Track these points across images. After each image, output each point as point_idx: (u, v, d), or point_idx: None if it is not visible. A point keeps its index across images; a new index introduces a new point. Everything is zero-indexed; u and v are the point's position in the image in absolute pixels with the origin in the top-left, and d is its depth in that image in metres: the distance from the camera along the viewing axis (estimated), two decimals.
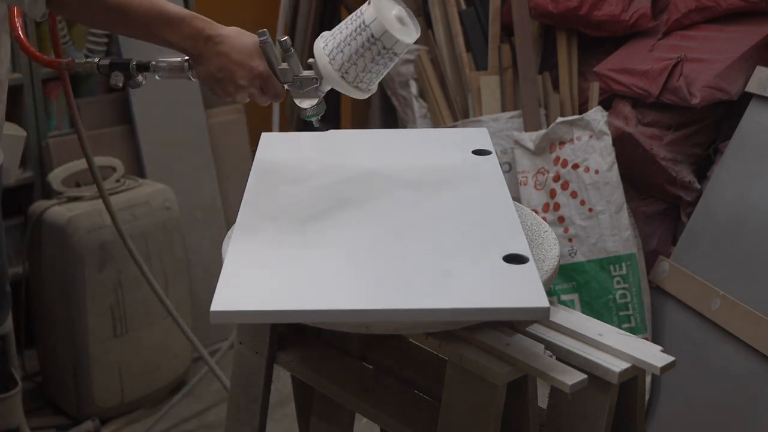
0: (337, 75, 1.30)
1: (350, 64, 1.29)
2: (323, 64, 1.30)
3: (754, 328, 2.14)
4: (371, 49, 1.27)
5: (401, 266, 1.15)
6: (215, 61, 1.31)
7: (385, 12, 1.26)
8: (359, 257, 1.18)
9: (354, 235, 1.24)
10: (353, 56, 1.28)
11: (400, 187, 1.40)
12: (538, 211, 2.59)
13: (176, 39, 1.31)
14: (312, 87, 1.35)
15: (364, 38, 1.26)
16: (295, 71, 1.34)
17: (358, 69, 1.29)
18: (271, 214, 1.32)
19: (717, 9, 2.45)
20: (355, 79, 1.30)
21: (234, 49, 1.31)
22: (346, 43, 1.28)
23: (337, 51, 1.29)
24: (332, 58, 1.30)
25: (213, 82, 1.33)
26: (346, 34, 1.28)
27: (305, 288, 1.10)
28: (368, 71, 1.30)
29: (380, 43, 1.26)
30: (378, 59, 1.28)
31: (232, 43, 1.31)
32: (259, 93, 1.35)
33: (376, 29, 1.25)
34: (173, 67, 1.38)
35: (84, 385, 2.48)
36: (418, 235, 1.24)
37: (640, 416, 1.20)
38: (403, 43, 1.27)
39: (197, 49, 1.32)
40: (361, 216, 1.30)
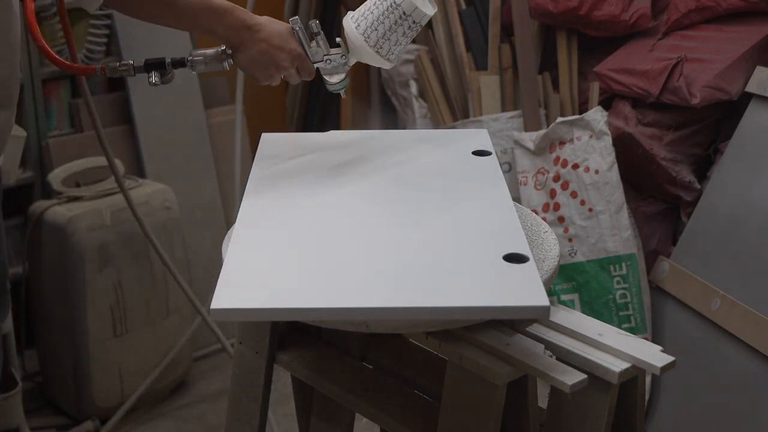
0: (372, 50, 1.45)
1: (384, 39, 1.45)
2: (359, 42, 1.45)
3: (754, 328, 2.14)
4: (402, 24, 1.44)
5: (401, 265, 1.15)
6: (257, 47, 1.44)
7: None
8: (359, 256, 1.18)
9: (354, 234, 1.24)
10: (387, 33, 1.45)
11: (399, 187, 1.40)
12: (538, 211, 2.59)
13: (221, 29, 1.42)
14: (340, 63, 1.50)
15: (396, 16, 1.44)
16: (324, 50, 1.48)
17: (391, 43, 1.46)
18: (271, 213, 1.32)
19: (717, 9, 2.45)
20: (388, 52, 1.47)
21: (272, 35, 1.44)
22: (380, 22, 1.44)
23: (371, 30, 1.45)
24: (367, 36, 1.45)
25: (255, 67, 1.46)
26: (377, 14, 1.45)
27: (305, 286, 1.10)
28: (398, 44, 1.47)
29: (411, 18, 1.44)
30: (408, 32, 1.46)
31: (268, 29, 1.44)
32: (295, 72, 1.48)
33: (407, 7, 1.43)
34: (210, 59, 1.47)
35: (84, 385, 2.48)
36: (418, 234, 1.24)
37: (640, 416, 1.20)
38: (428, 16, 1.45)
39: (240, 38, 1.43)
40: (361, 216, 1.30)
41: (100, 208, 2.45)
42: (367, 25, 1.45)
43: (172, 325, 2.63)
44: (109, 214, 2.45)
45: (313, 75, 1.51)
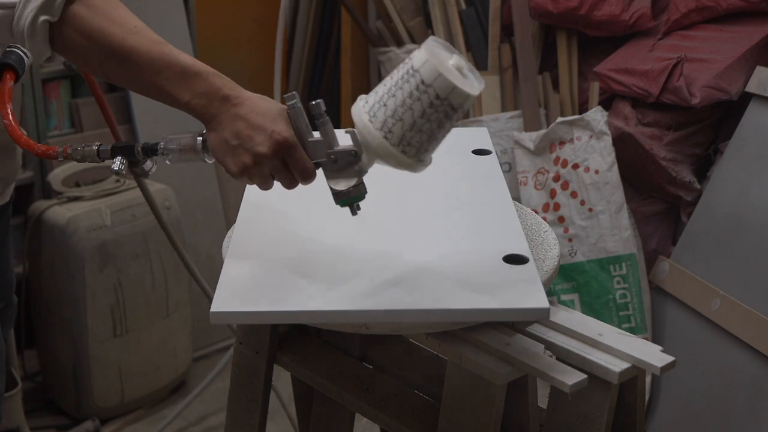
0: (379, 135, 1.04)
1: (395, 119, 1.03)
2: (362, 124, 1.06)
3: (754, 328, 2.14)
4: (421, 98, 1.02)
5: (401, 266, 1.15)
6: (230, 126, 1.11)
7: (440, 56, 1.02)
8: (359, 257, 1.18)
9: (354, 235, 1.24)
10: (398, 109, 1.03)
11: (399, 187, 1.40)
12: (538, 211, 2.59)
13: (187, 96, 1.11)
14: (350, 162, 1.11)
15: (412, 86, 1.02)
16: (330, 143, 1.11)
17: (405, 126, 1.03)
18: (270, 214, 1.32)
19: (717, 9, 2.45)
20: (402, 141, 1.04)
21: (254, 112, 1.10)
22: (390, 95, 1.04)
23: (379, 106, 1.05)
24: (372, 115, 1.05)
25: (226, 152, 1.12)
26: (390, 85, 1.05)
27: (305, 288, 1.10)
28: (417, 129, 1.03)
29: (432, 90, 1.01)
30: (430, 113, 1.02)
31: (252, 105, 1.11)
32: (283, 168, 1.12)
33: (427, 73, 1.01)
34: (185, 147, 1.17)
35: (84, 385, 2.48)
36: (418, 235, 1.24)
37: (640, 416, 1.20)
38: (462, 92, 1.01)
39: (211, 110, 1.12)
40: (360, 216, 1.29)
41: (100, 208, 2.45)
42: (376, 100, 1.05)
43: (172, 325, 2.63)
44: (109, 214, 2.45)
45: (312, 177, 1.13)
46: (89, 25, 1.10)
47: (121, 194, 2.52)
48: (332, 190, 1.14)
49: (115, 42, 1.10)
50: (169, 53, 1.11)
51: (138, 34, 1.11)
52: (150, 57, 1.10)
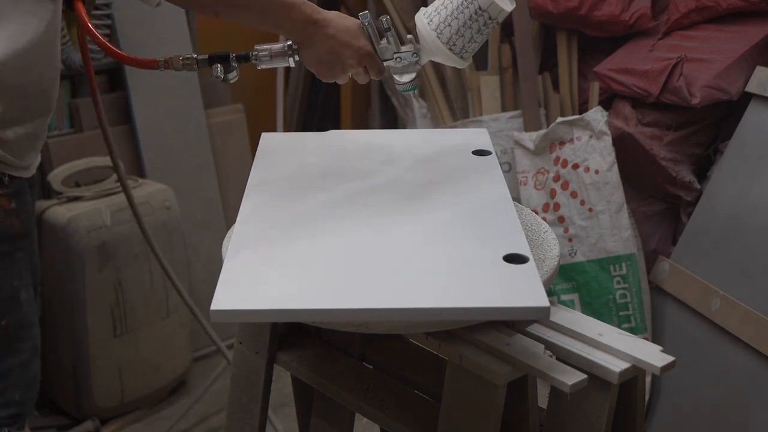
0: (444, 48, 1.37)
1: (458, 36, 1.36)
2: (431, 38, 1.37)
3: (754, 328, 2.14)
4: (478, 20, 1.35)
5: (401, 266, 1.15)
6: (324, 44, 1.36)
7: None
8: (359, 256, 1.18)
9: (354, 234, 1.24)
10: (461, 29, 1.35)
11: (400, 187, 1.40)
12: (538, 211, 2.59)
13: (288, 24, 1.35)
14: (411, 61, 1.41)
15: (471, 11, 1.34)
16: (395, 48, 1.40)
17: (465, 40, 1.36)
18: (270, 214, 1.32)
19: (717, 9, 2.45)
20: (462, 50, 1.38)
21: (340, 31, 1.36)
22: (454, 17, 1.35)
23: (444, 25, 1.36)
24: (440, 32, 1.36)
25: (320, 65, 1.39)
26: (452, 9, 1.36)
27: (305, 287, 1.10)
28: (473, 41, 1.37)
29: (486, 14, 1.34)
30: (483, 29, 1.37)
31: (336, 25, 1.36)
32: (363, 71, 1.41)
33: (484, 1, 1.34)
34: (275, 54, 1.41)
35: (84, 385, 2.48)
36: (418, 234, 1.24)
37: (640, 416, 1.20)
38: (505, 12, 1.35)
39: (306, 34, 1.36)
40: (361, 216, 1.30)
41: (100, 208, 2.45)
42: (440, 21, 1.36)
43: (172, 325, 2.63)
44: (109, 214, 2.45)
45: (383, 73, 1.43)
46: None
47: (121, 194, 2.52)
48: (397, 82, 1.45)
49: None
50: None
51: None
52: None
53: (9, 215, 1.38)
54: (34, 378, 1.48)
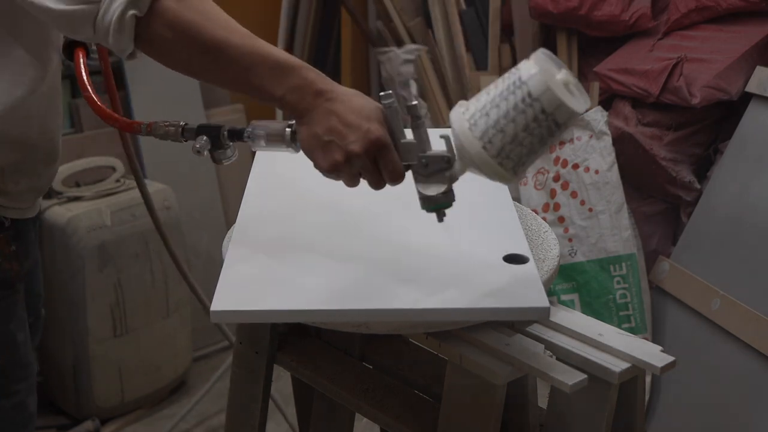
0: (478, 144, 1.01)
1: (496, 130, 1.01)
2: (461, 130, 1.03)
3: (754, 328, 2.14)
4: (526, 111, 0.99)
5: (401, 266, 1.15)
6: (323, 121, 1.08)
7: (549, 69, 1.00)
8: (359, 257, 1.18)
9: (354, 234, 1.24)
10: (501, 120, 1.00)
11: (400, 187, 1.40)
12: (538, 211, 2.59)
13: (280, 91, 1.08)
14: (441, 169, 1.09)
15: (518, 98, 0.99)
16: (422, 147, 1.09)
17: (506, 138, 1.00)
18: (270, 214, 1.32)
19: (717, 9, 2.45)
20: (500, 152, 1.01)
21: (348, 109, 1.07)
22: (494, 105, 1.01)
23: (480, 114, 1.02)
24: (473, 123, 1.02)
25: (317, 147, 1.09)
26: (494, 95, 1.02)
27: (305, 288, 1.10)
28: (519, 143, 1.01)
29: (539, 104, 0.98)
30: (533, 128, 1.00)
31: (346, 101, 1.08)
32: (373, 168, 1.09)
33: (535, 86, 0.98)
34: (272, 135, 1.16)
35: (84, 385, 2.48)
36: (418, 235, 1.24)
37: (640, 416, 1.20)
38: (569, 110, 0.98)
39: (303, 105, 1.09)
40: (360, 216, 1.30)
41: (100, 208, 2.45)
42: (477, 108, 1.02)
43: (172, 325, 2.63)
44: (109, 214, 2.45)
45: (402, 178, 1.10)
46: (179, 18, 1.08)
47: (121, 194, 2.52)
48: (420, 195, 1.11)
49: (206, 36, 1.08)
50: (261, 47, 1.09)
51: (228, 28, 1.09)
52: (242, 51, 1.08)
53: (9, 259, 1.33)
54: (30, 417, 1.43)
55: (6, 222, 1.32)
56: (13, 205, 1.33)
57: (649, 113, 2.50)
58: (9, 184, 1.31)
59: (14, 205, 1.33)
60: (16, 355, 1.38)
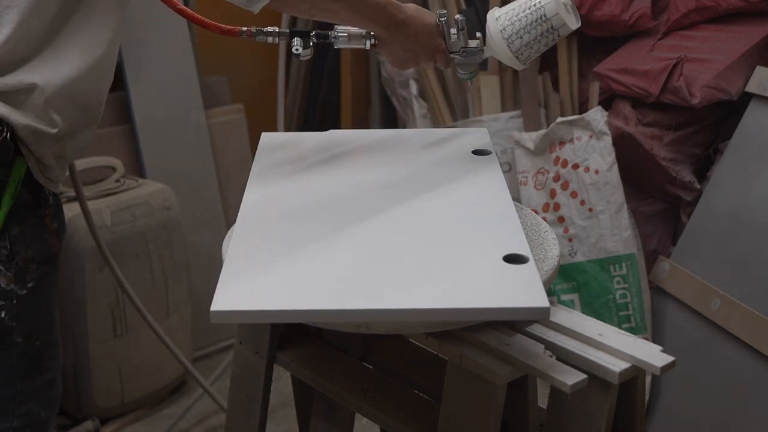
0: (512, 55, 1.49)
1: (526, 48, 1.49)
2: (501, 47, 1.49)
3: (754, 328, 2.14)
4: (547, 36, 1.48)
5: (401, 266, 1.15)
6: (404, 44, 1.47)
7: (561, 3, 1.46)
8: (359, 257, 1.18)
9: (354, 234, 1.24)
10: (531, 42, 1.48)
11: (400, 187, 1.40)
12: (538, 211, 2.59)
13: (376, 25, 1.44)
14: (475, 55, 1.54)
15: (544, 29, 1.47)
16: (463, 44, 1.53)
17: (532, 51, 1.50)
18: (271, 213, 1.32)
19: (717, 9, 2.45)
20: (527, 59, 1.51)
21: (419, 32, 1.46)
22: (526, 31, 1.48)
23: (516, 37, 1.48)
24: (510, 42, 1.48)
25: (395, 59, 1.51)
26: (525, 23, 1.47)
27: (305, 288, 1.10)
28: (537, 52, 1.50)
29: (557, 33, 1.48)
30: (549, 44, 1.50)
31: (416, 25, 1.46)
32: (433, 63, 1.53)
33: (556, 21, 1.46)
34: (354, 36, 1.51)
35: (84, 385, 2.48)
36: (418, 235, 1.24)
37: (640, 416, 1.20)
38: (568, 27, 1.48)
39: (390, 34, 1.45)
40: (361, 216, 1.30)
41: (100, 208, 2.45)
42: (513, 32, 1.48)
43: (173, 324, 2.63)
44: (109, 214, 2.45)
45: (449, 65, 1.54)
46: None
47: (121, 194, 2.52)
48: (457, 71, 1.56)
49: None
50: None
51: None
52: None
53: (52, 236, 1.37)
54: (57, 395, 1.47)
55: (50, 198, 1.36)
56: (55, 177, 1.36)
57: (649, 113, 2.50)
58: (67, 146, 1.35)
59: (56, 177, 1.36)
60: (52, 332, 1.42)
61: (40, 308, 1.39)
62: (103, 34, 1.33)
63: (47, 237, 1.36)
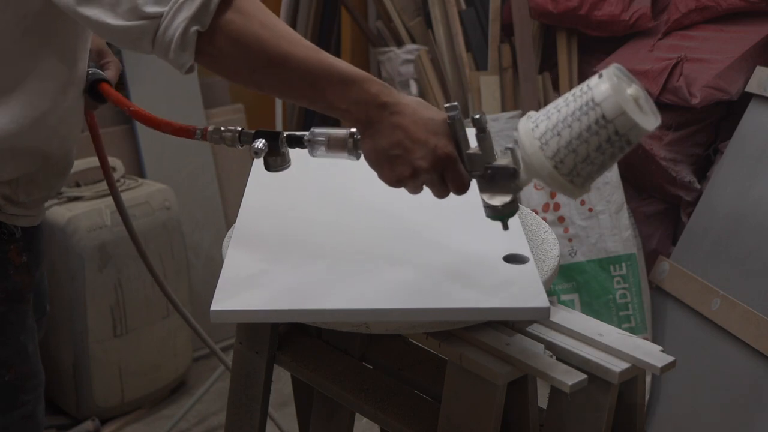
0: (549, 164, 1.03)
1: (568, 151, 1.02)
2: (532, 150, 1.03)
3: (754, 328, 2.14)
4: (599, 133, 1.00)
5: (401, 266, 1.15)
6: (389, 135, 1.06)
7: (622, 88, 1.02)
8: (359, 257, 1.18)
9: (354, 234, 1.24)
10: (573, 141, 1.01)
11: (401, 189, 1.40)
12: (538, 211, 2.59)
13: (344, 104, 1.06)
14: (506, 180, 1.08)
15: (591, 119, 1.00)
16: (487, 158, 1.08)
17: (578, 158, 1.02)
18: (271, 214, 1.32)
19: (717, 9, 2.45)
20: (572, 171, 1.03)
21: (415, 123, 1.06)
22: (566, 125, 1.02)
23: (552, 134, 1.02)
24: (544, 143, 1.03)
25: (383, 161, 1.08)
26: (566, 114, 1.02)
27: (305, 288, 1.10)
28: (590, 162, 1.02)
29: (612, 126, 0.99)
30: (606, 147, 1.01)
31: (413, 114, 1.06)
32: (439, 181, 1.09)
33: (610, 109, 0.99)
34: (335, 142, 1.14)
35: (84, 385, 2.48)
36: (418, 235, 1.24)
37: (640, 416, 1.20)
38: (642, 130, 1.00)
39: (368, 118, 1.07)
40: (361, 216, 1.30)
41: (100, 208, 2.45)
42: (549, 128, 1.03)
43: (172, 325, 2.63)
44: (109, 214, 2.45)
45: (467, 189, 1.10)
46: (243, 32, 1.05)
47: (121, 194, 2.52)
48: (485, 204, 1.11)
49: (270, 50, 1.05)
50: (325, 60, 1.06)
51: (292, 41, 1.06)
52: (306, 64, 1.05)
53: (19, 271, 1.30)
54: (37, 427, 1.41)
55: (17, 232, 1.29)
56: (24, 213, 1.30)
57: None
58: (21, 194, 1.28)
59: (25, 213, 1.31)
60: (27, 365, 1.35)
61: (7, 342, 1.31)
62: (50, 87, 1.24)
63: (12, 273, 1.28)
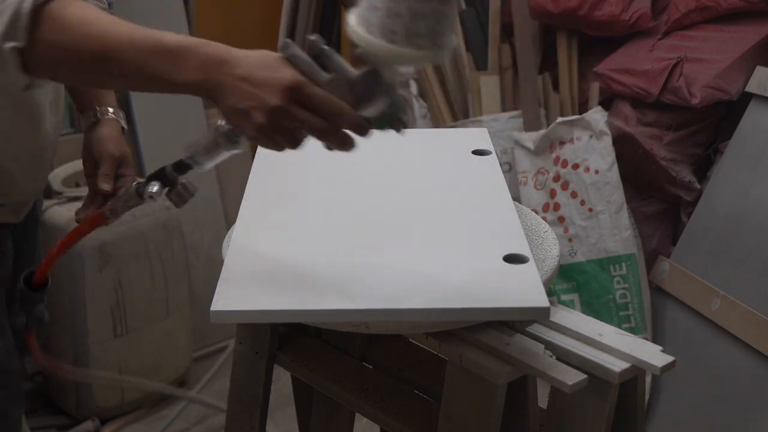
0: (382, 42, 0.93)
1: (392, 18, 0.91)
2: (360, 37, 0.95)
3: (754, 328, 2.14)
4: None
5: (401, 266, 1.15)
6: (235, 90, 0.98)
7: None
8: (359, 257, 1.18)
9: (354, 234, 1.24)
10: (390, 6, 0.91)
11: (400, 187, 1.40)
12: (538, 211, 2.59)
13: (181, 76, 0.98)
14: (374, 83, 0.98)
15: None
16: (343, 73, 0.98)
17: (405, 20, 0.90)
18: (271, 214, 1.32)
19: (717, 9, 2.45)
20: (409, 36, 0.91)
21: (252, 68, 0.98)
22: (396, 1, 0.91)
23: (369, 12, 0.93)
24: (368, 24, 0.93)
25: (240, 119, 0.99)
26: None
27: (305, 288, 1.10)
28: (422, 15, 0.91)
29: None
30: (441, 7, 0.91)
31: (250, 62, 0.98)
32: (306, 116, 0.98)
33: None
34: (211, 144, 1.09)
35: (84, 385, 2.48)
36: (419, 235, 1.24)
37: (640, 416, 1.20)
38: None
39: (212, 79, 0.98)
40: (361, 216, 1.30)
41: None
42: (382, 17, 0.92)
43: (172, 325, 2.63)
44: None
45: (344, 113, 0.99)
46: (62, 36, 1.00)
47: None
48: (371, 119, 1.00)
49: (92, 44, 1.00)
50: (151, 36, 0.99)
51: (110, 30, 1.00)
52: (131, 49, 0.98)
53: None
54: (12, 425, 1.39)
55: None
56: None
57: (649, 113, 2.50)
58: None
59: None
60: None
61: None
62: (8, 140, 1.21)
63: None
